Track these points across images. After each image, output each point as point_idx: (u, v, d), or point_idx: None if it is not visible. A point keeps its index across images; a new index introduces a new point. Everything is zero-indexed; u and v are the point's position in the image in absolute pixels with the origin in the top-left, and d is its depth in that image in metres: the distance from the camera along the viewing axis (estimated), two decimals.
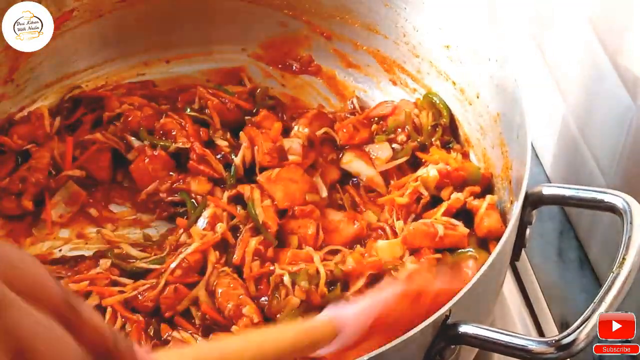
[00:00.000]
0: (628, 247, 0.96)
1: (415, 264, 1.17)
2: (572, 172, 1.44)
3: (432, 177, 1.27)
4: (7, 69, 1.37)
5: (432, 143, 1.34)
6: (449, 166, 1.28)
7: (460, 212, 1.25)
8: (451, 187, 1.26)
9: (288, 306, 1.13)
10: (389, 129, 1.38)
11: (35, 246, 1.29)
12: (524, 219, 1.11)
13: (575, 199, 1.07)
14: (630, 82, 1.19)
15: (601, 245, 1.37)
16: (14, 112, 1.40)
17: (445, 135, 1.36)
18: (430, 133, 1.36)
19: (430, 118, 1.37)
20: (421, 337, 0.95)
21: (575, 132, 1.39)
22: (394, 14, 1.41)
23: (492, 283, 1.11)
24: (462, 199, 1.24)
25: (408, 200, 1.27)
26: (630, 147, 1.23)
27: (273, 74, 1.53)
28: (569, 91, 1.39)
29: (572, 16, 1.32)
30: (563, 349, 0.90)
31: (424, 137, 1.35)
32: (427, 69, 1.40)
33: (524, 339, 0.93)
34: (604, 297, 0.92)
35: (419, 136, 1.36)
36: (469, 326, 0.95)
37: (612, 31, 1.22)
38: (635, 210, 0.99)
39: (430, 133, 1.36)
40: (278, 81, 1.53)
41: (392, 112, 1.40)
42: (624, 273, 0.94)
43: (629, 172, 1.25)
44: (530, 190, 1.08)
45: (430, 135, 1.36)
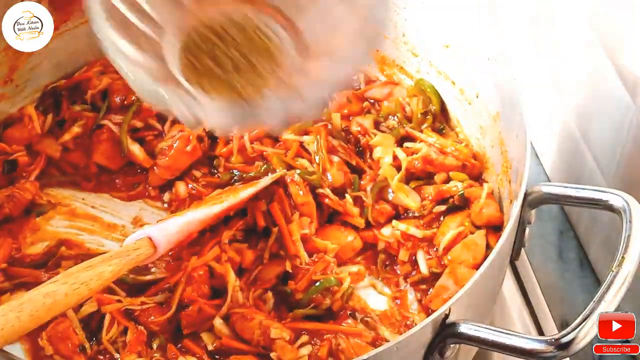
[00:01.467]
0: (627, 246, 0.96)
1: None
2: (572, 171, 1.44)
3: (425, 152, 1.29)
4: (7, 69, 1.37)
5: (422, 130, 1.35)
6: (438, 143, 1.31)
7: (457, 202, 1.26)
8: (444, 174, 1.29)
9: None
10: (382, 113, 1.40)
11: (35, 246, 1.29)
12: (524, 218, 1.12)
13: (575, 198, 1.08)
14: (630, 82, 1.19)
15: (601, 245, 1.36)
16: (13, 112, 1.40)
17: (436, 122, 1.38)
18: (420, 120, 1.37)
19: (420, 105, 1.38)
20: (421, 335, 0.95)
21: (575, 132, 1.39)
22: (394, 14, 1.41)
23: (492, 282, 1.12)
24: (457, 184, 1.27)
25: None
26: (630, 147, 1.23)
27: None
28: (569, 91, 1.39)
29: (572, 16, 1.32)
30: (562, 348, 0.90)
31: (413, 124, 1.37)
32: (427, 68, 1.40)
33: (523, 338, 0.93)
34: (603, 295, 0.92)
35: (409, 123, 1.37)
36: (469, 325, 0.95)
37: (612, 31, 1.22)
38: (635, 209, 0.99)
39: (420, 120, 1.37)
40: None
41: (386, 97, 1.42)
42: (623, 272, 0.94)
43: (629, 172, 1.25)
44: (529, 189, 1.08)
45: (420, 122, 1.37)
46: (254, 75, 0.98)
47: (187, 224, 1.16)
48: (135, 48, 0.96)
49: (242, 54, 0.97)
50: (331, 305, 1.18)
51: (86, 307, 1.15)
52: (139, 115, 1.38)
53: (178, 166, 1.35)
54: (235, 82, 0.97)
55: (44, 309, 0.94)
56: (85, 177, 1.38)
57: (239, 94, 0.98)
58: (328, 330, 1.14)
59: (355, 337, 1.14)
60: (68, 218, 1.33)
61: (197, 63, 0.97)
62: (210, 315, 1.14)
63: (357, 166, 1.33)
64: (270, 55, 0.97)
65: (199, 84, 0.98)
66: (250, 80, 0.98)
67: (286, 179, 1.27)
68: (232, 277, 1.17)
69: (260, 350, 1.10)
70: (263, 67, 0.97)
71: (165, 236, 1.12)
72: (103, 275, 1.01)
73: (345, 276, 1.20)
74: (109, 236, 1.31)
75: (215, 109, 0.98)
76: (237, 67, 0.97)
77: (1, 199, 1.29)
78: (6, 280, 1.22)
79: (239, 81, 0.98)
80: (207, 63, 0.97)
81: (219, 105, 0.98)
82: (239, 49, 0.97)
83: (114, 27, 0.95)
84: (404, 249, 1.24)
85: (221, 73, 0.97)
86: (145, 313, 1.15)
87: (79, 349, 1.11)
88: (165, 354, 1.12)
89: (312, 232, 1.24)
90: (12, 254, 1.25)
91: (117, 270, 1.03)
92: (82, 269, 1.00)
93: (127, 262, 1.05)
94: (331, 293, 1.18)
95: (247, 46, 0.97)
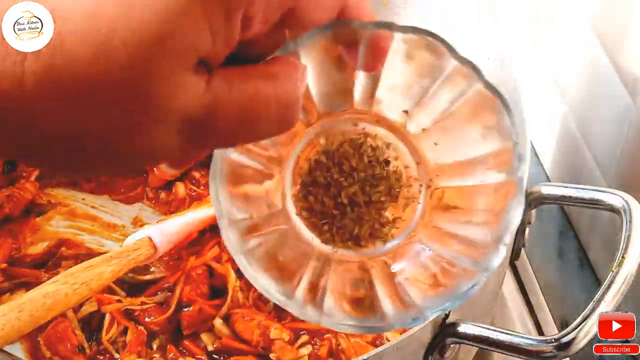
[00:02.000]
0: (627, 246, 0.95)
1: None
2: (572, 171, 1.44)
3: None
4: None
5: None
6: None
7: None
8: None
9: None
10: None
11: (35, 246, 1.29)
12: (524, 218, 1.12)
13: (575, 198, 1.08)
14: (630, 82, 1.19)
15: (601, 245, 1.36)
16: None
17: None
18: None
19: None
20: (421, 335, 0.95)
21: (575, 132, 1.39)
22: (394, 14, 1.41)
23: (492, 282, 1.12)
24: None
25: None
26: (630, 147, 1.23)
27: None
28: (569, 91, 1.39)
29: (572, 16, 1.32)
30: (562, 348, 0.90)
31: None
32: None
33: (523, 338, 0.93)
34: (603, 295, 0.92)
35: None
36: (468, 325, 0.95)
37: (612, 31, 1.22)
38: (635, 209, 0.99)
39: None
40: None
41: None
42: (623, 272, 0.94)
43: (629, 172, 1.25)
44: (529, 190, 1.08)
45: None
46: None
47: (187, 224, 1.17)
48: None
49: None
50: None
51: (86, 306, 1.15)
52: None
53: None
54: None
55: (45, 309, 0.94)
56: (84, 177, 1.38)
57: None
58: (328, 329, 1.14)
59: (355, 337, 1.14)
60: (68, 218, 1.33)
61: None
62: (210, 316, 1.14)
63: None
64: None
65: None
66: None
67: None
68: (233, 277, 1.17)
69: (260, 351, 1.10)
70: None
71: (166, 236, 1.12)
72: (103, 276, 1.01)
73: None
74: (109, 236, 1.31)
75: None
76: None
77: (1, 199, 1.29)
78: (6, 280, 1.22)
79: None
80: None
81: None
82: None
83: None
84: None
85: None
86: (145, 313, 1.15)
87: (78, 349, 1.11)
88: (165, 354, 1.12)
89: None
90: (12, 254, 1.25)
91: (118, 270, 1.03)
92: (83, 269, 1.00)
93: (128, 263, 1.05)
94: None
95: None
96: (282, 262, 0.75)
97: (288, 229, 0.77)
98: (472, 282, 0.69)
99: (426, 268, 0.71)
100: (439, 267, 0.71)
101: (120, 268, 1.04)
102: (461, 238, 0.70)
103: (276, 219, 0.76)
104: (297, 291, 0.73)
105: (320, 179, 0.76)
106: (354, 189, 0.75)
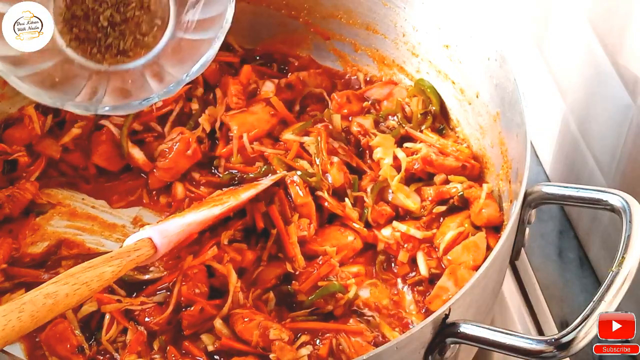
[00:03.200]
0: (627, 246, 0.96)
1: None
2: (572, 171, 1.44)
3: (424, 153, 1.30)
4: None
5: (422, 131, 1.36)
6: (439, 144, 1.31)
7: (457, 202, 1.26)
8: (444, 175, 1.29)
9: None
10: (381, 114, 1.40)
11: (35, 246, 1.29)
12: (524, 218, 1.12)
13: (575, 198, 1.08)
14: (630, 82, 1.19)
15: (601, 244, 1.36)
16: (13, 112, 1.40)
17: (436, 122, 1.38)
18: (420, 121, 1.38)
19: (420, 105, 1.39)
20: (421, 335, 0.95)
21: (575, 132, 1.39)
22: (393, 14, 1.41)
23: (492, 282, 1.11)
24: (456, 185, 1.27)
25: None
26: (630, 147, 1.23)
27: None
28: (569, 91, 1.39)
29: (572, 16, 1.32)
30: (562, 348, 0.90)
31: (413, 124, 1.37)
32: (427, 68, 1.40)
33: (523, 338, 0.93)
34: (603, 295, 0.92)
35: (408, 124, 1.37)
36: (469, 325, 0.95)
37: (612, 31, 1.22)
38: (635, 209, 0.99)
39: (420, 121, 1.38)
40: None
41: (386, 97, 1.43)
42: (623, 271, 0.94)
43: (629, 172, 1.25)
44: (529, 189, 1.08)
45: (420, 123, 1.37)
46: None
47: (187, 224, 1.17)
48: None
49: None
50: (333, 310, 1.17)
51: (86, 306, 1.15)
52: (139, 119, 1.37)
53: (178, 169, 1.35)
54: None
55: (45, 309, 0.94)
56: (84, 178, 1.38)
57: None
58: (329, 329, 1.14)
59: (356, 337, 1.14)
60: (68, 218, 1.33)
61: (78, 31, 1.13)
62: (210, 316, 1.14)
63: (357, 167, 1.33)
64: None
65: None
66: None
67: (286, 180, 1.27)
68: (234, 278, 1.17)
69: (260, 352, 1.10)
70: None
71: (166, 237, 1.12)
72: (104, 276, 1.01)
73: (352, 283, 1.20)
74: (109, 236, 1.31)
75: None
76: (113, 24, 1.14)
77: (1, 199, 1.29)
78: (6, 280, 1.22)
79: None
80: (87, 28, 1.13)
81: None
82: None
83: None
84: (404, 251, 1.24)
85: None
86: (145, 313, 1.15)
87: (77, 349, 1.11)
88: (165, 354, 1.12)
89: (312, 234, 1.24)
90: (12, 254, 1.25)
91: (118, 270, 1.03)
92: (83, 270, 1.00)
93: (128, 263, 1.05)
94: (335, 299, 1.18)
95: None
96: (59, 81, 1.14)
97: (62, 60, 1.13)
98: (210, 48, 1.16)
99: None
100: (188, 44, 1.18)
101: (121, 268, 1.04)
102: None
103: (49, 53, 1.14)
104: (78, 97, 1.14)
105: (78, 12, 1.12)
106: (110, 12, 1.11)
